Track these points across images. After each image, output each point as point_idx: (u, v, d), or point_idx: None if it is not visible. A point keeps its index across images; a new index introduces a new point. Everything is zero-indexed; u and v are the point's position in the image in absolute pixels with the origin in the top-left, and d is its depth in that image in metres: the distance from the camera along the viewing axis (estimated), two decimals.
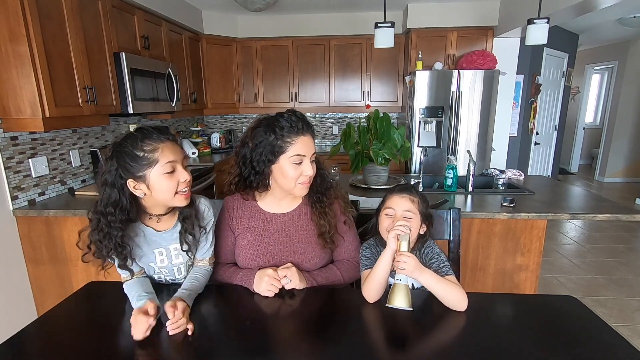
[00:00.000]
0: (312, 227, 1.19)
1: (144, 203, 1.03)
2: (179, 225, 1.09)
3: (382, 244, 1.10)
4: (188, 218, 1.08)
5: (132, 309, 0.96)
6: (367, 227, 1.24)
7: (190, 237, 1.08)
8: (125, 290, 1.06)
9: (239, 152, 1.14)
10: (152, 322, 0.88)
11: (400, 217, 1.09)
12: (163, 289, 1.10)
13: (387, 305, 0.97)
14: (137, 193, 0.98)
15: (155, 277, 1.14)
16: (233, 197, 1.24)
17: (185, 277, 1.14)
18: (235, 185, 1.18)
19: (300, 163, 1.09)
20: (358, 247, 1.22)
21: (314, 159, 1.13)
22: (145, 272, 1.13)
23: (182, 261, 1.13)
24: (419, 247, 1.15)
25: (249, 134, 1.11)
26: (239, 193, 1.21)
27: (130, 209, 1.00)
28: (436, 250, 1.13)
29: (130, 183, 0.96)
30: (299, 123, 1.07)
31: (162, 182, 0.97)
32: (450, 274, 1.05)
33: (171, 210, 1.09)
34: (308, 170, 1.10)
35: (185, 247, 1.08)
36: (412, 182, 2.36)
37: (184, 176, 1.00)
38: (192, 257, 1.14)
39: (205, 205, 1.15)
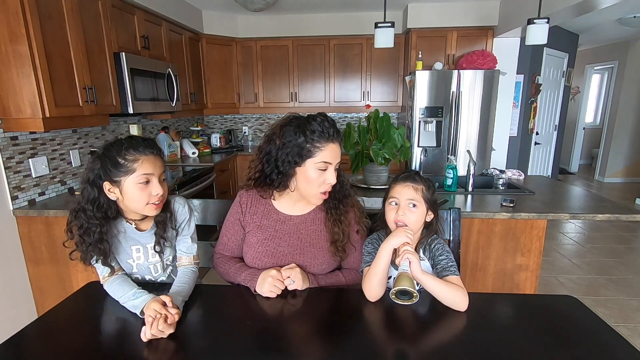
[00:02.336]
0: (324, 232, 1.17)
1: (121, 206, 1.06)
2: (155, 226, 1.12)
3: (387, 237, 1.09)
4: (161, 222, 1.11)
5: (127, 310, 0.98)
6: (375, 217, 1.23)
7: (162, 239, 1.11)
8: (111, 290, 1.05)
9: (264, 148, 1.11)
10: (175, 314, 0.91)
11: (404, 207, 1.08)
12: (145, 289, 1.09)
13: (391, 294, 0.94)
14: (111, 196, 1.02)
15: (133, 276, 1.15)
16: (248, 193, 1.21)
17: (161, 275, 1.17)
18: (255, 181, 1.15)
19: (324, 170, 1.07)
20: None
21: (337, 167, 1.10)
22: (123, 270, 1.13)
23: (158, 260, 1.15)
24: (427, 240, 1.14)
25: (277, 131, 1.07)
26: (257, 189, 1.18)
27: (108, 208, 1.03)
28: (446, 248, 1.12)
29: (106, 185, 1.01)
30: (330, 129, 1.05)
31: (134, 191, 1.01)
32: (457, 275, 1.04)
33: (146, 216, 1.11)
34: (331, 178, 1.07)
35: (157, 248, 1.11)
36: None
37: (156, 190, 1.03)
38: (168, 258, 1.16)
39: (179, 204, 1.16)
